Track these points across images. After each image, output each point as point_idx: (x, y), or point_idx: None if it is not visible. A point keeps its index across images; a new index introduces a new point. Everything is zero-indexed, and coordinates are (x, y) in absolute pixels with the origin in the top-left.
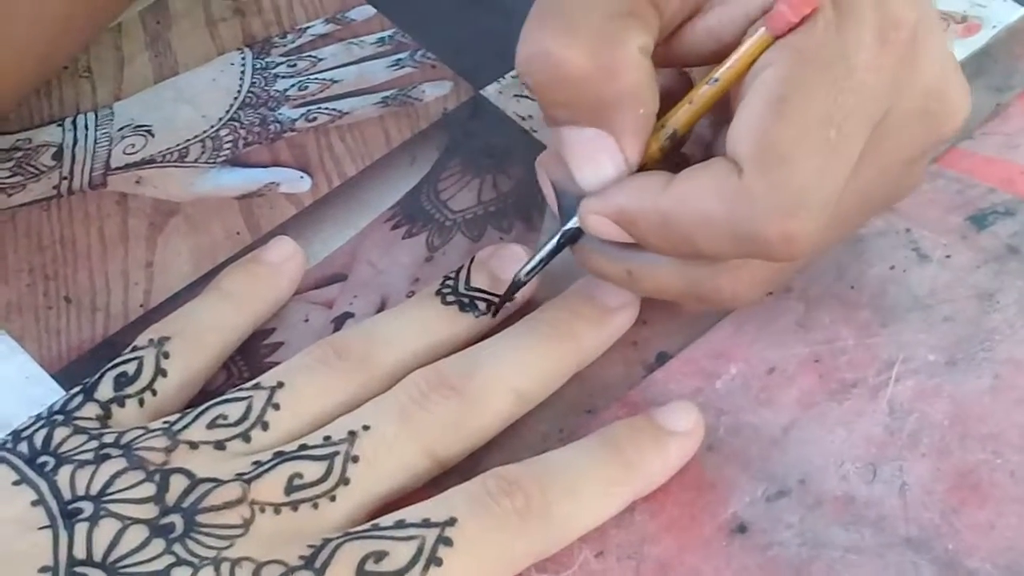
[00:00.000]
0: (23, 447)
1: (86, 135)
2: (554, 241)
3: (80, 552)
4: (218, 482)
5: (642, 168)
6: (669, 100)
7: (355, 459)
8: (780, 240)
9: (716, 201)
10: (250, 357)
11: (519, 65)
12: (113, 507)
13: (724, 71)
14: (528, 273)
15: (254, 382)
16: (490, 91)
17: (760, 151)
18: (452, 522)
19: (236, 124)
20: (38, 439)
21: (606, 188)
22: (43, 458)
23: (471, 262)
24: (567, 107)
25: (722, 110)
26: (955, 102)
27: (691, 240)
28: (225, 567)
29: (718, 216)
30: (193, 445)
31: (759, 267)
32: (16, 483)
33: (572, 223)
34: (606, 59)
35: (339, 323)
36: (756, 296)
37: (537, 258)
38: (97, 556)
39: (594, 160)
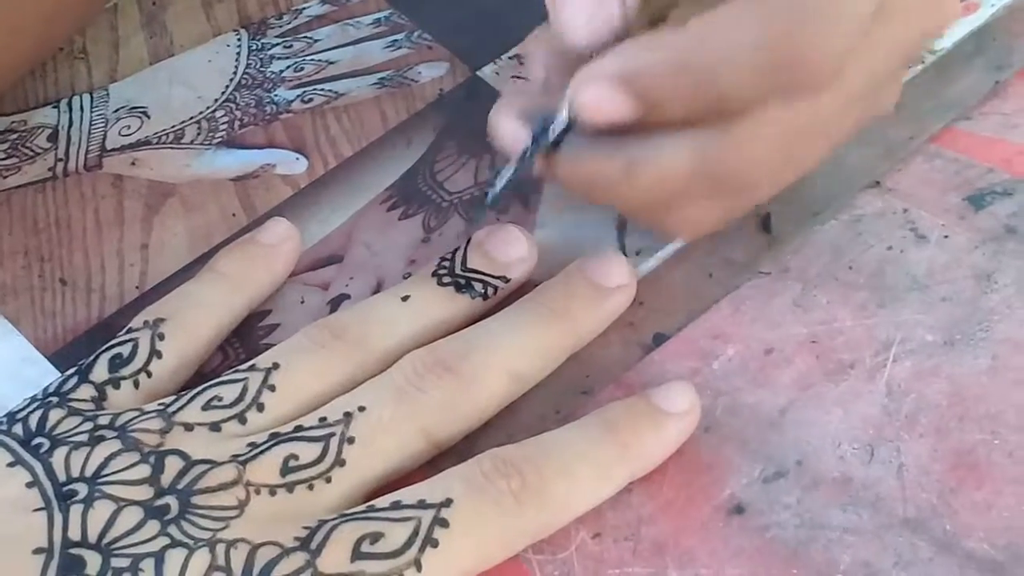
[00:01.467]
0: (18, 429)
1: (81, 116)
2: (533, 143)
3: (75, 534)
4: (213, 464)
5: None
6: None
7: (351, 440)
8: (818, 60)
9: (750, 26)
10: (246, 339)
11: None
12: (108, 489)
13: None
14: (505, 182)
15: (249, 364)
16: (487, 72)
17: None
18: (448, 503)
19: (232, 105)
20: (33, 421)
21: (602, 55)
22: (38, 440)
23: (467, 243)
24: None
25: None
26: (948, 3)
27: (715, 79)
28: (220, 548)
29: (752, 40)
30: (188, 427)
31: (770, 135)
32: (10, 465)
33: (558, 120)
34: None
35: (335, 304)
36: (768, 174)
37: (516, 168)
38: (92, 538)
39: (587, 4)
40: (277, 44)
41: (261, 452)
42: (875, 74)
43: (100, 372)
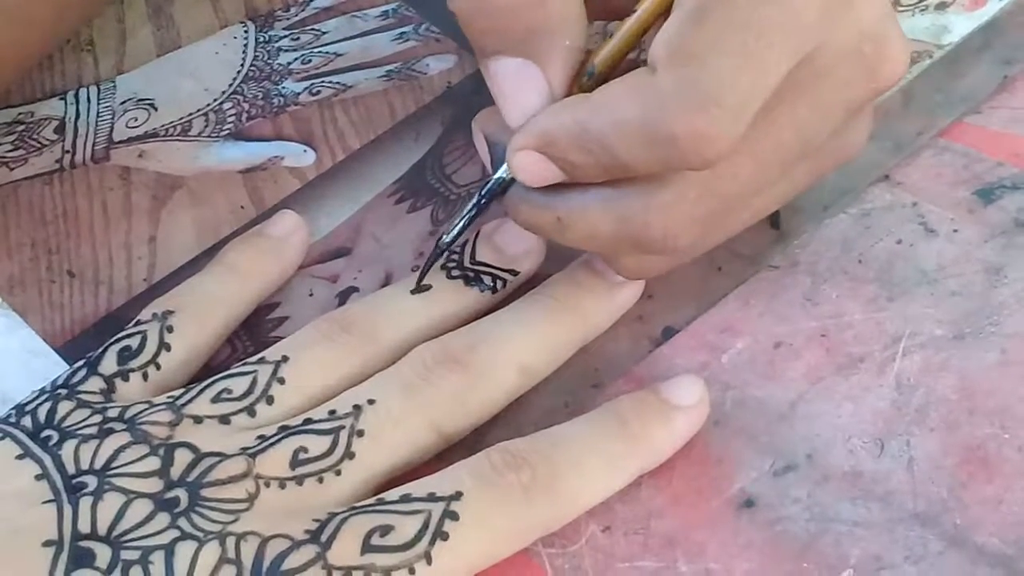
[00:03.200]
0: (26, 421)
1: (88, 108)
2: (479, 194)
3: (84, 526)
4: (223, 456)
5: None
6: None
7: (360, 433)
8: (689, 138)
9: (629, 102)
10: (254, 331)
11: None
12: (117, 481)
13: (646, 2)
14: (454, 234)
15: (259, 356)
16: None
17: (673, 51)
18: (458, 496)
19: (239, 97)
20: (41, 413)
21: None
22: (47, 432)
23: (476, 236)
24: (494, 36)
25: None
26: (892, 49)
27: (608, 148)
28: (230, 541)
29: (631, 116)
30: (198, 419)
31: (690, 199)
32: (19, 457)
33: (500, 172)
34: None
35: (344, 297)
36: (691, 238)
37: (463, 215)
38: (102, 530)
39: (520, 92)
40: (284, 36)
41: (271, 445)
42: (807, 134)
43: (109, 364)
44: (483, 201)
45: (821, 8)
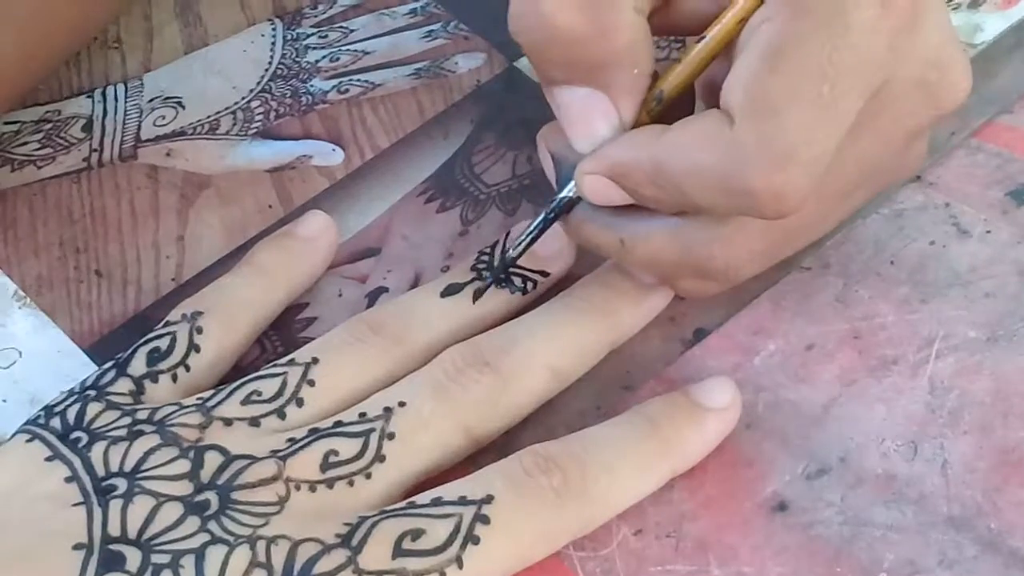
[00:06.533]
0: (56, 423)
1: (116, 106)
2: (546, 212)
3: (114, 529)
4: (253, 459)
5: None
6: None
7: (391, 436)
8: (768, 194)
9: (707, 151)
10: (284, 332)
11: (511, 24)
12: (147, 484)
13: (715, 29)
14: (520, 249)
15: (288, 358)
16: (524, 63)
17: (751, 102)
18: (489, 500)
19: (267, 96)
20: (71, 415)
21: (600, 147)
22: (76, 434)
23: (506, 237)
24: (561, 66)
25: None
26: (955, 75)
27: (682, 190)
28: (261, 545)
29: (708, 166)
30: (227, 422)
31: (754, 234)
32: (49, 459)
33: (567, 191)
34: (599, 18)
35: (373, 298)
36: (752, 269)
37: (529, 232)
38: (132, 533)
39: (588, 120)
40: (312, 34)
41: (301, 448)
42: (869, 163)
43: (138, 366)
44: (550, 218)
45: (889, 41)
